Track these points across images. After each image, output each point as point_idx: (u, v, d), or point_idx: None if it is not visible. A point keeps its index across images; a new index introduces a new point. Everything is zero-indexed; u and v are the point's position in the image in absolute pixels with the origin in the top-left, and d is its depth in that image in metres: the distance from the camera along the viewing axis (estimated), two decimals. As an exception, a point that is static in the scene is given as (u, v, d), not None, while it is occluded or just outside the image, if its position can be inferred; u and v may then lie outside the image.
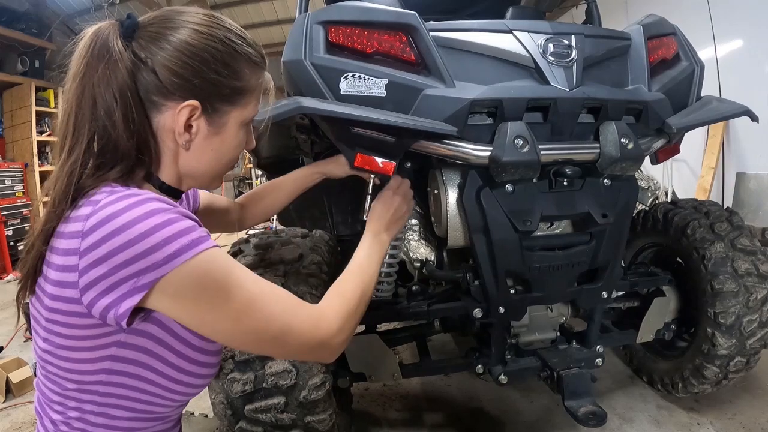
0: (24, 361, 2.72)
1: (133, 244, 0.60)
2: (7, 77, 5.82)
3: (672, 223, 1.93)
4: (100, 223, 0.61)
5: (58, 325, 0.66)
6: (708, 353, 1.77)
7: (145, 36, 0.72)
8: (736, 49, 4.02)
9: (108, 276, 0.61)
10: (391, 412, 2.18)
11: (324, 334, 0.76)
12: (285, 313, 0.72)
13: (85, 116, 0.69)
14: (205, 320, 0.68)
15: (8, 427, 2.26)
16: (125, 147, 0.70)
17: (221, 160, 0.82)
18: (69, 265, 0.63)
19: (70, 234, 0.64)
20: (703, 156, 4.24)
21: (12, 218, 5.47)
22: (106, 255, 0.61)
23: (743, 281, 1.71)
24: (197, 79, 0.72)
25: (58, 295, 0.65)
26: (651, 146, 1.43)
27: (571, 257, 1.48)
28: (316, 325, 0.76)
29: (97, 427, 0.73)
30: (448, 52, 1.29)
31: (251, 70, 0.79)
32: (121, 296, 0.62)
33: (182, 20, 0.73)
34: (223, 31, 0.75)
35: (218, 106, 0.76)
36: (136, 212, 0.62)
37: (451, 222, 1.46)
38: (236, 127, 0.80)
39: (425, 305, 1.63)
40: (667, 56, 1.53)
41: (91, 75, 0.69)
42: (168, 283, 0.63)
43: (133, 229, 0.61)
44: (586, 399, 1.49)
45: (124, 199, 0.64)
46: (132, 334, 0.69)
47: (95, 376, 0.70)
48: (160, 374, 0.74)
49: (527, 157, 1.25)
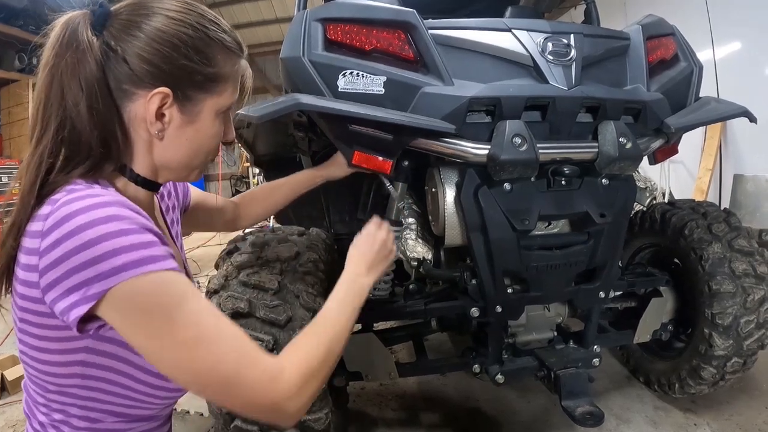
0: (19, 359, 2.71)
1: (83, 249, 0.58)
2: (5, 74, 5.80)
3: (670, 224, 1.92)
4: (57, 224, 0.60)
5: (30, 325, 0.65)
6: (705, 354, 1.77)
7: (116, 24, 0.70)
8: (735, 51, 4.03)
9: (64, 279, 0.59)
10: (388, 411, 2.18)
11: (279, 394, 0.66)
12: (238, 360, 0.64)
13: (53, 106, 0.68)
14: (148, 346, 0.63)
15: (3, 425, 2.25)
16: (88, 138, 0.68)
17: (197, 151, 0.79)
18: (31, 265, 0.61)
19: (33, 233, 0.62)
20: (701, 157, 4.25)
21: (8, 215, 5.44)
22: (61, 257, 0.59)
23: (741, 282, 1.71)
24: (168, 66, 0.70)
25: (25, 295, 0.64)
26: (649, 146, 1.43)
27: (568, 257, 1.47)
28: (271, 380, 0.66)
29: (82, 431, 0.72)
30: (446, 50, 1.29)
31: (225, 56, 0.77)
32: (74, 303, 0.59)
33: (154, 7, 0.71)
34: (195, 17, 0.73)
35: (191, 94, 0.73)
36: (90, 216, 0.59)
37: (449, 221, 1.45)
38: (211, 116, 0.77)
39: (422, 304, 1.63)
40: (665, 57, 1.53)
41: (58, 65, 0.67)
42: (114, 296, 0.59)
43: (84, 234, 0.58)
44: (583, 399, 1.49)
45: (80, 200, 0.61)
46: (98, 341, 0.67)
47: (71, 379, 0.68)
48: (135, 379, 0.72)
49: (525, 155, 1.25)
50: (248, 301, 1.37)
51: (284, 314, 1.38)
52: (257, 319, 1.37)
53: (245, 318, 1.37)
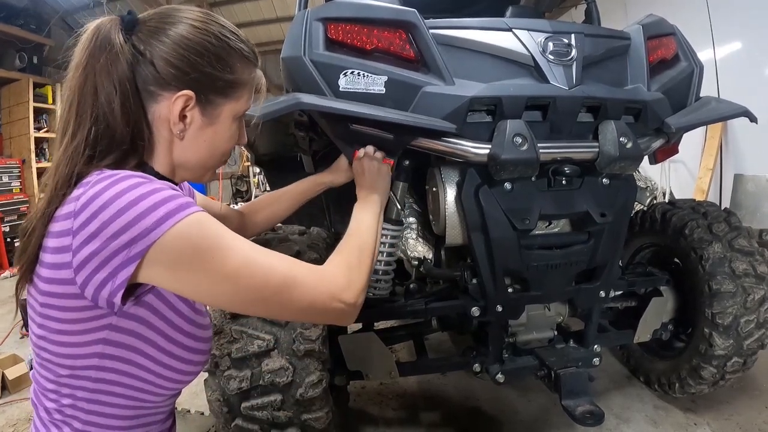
0: (20, 358, 2.71)
1: (123, 213, 0.62)
2: (5, 73, 5.80)
3: (670, 224, 1.93)
4: (90, 200, 0.63)
5: (52, 309, 0.68)
6: (705, 354, 1.77)
7: (145, 30, 0.75)
8: (735, 51, 4.02)
9: (101, 250, 0.63)
10: (388, 410, 2.18)
11: (333, 285, 0.77)
12: (286, 267, 0.73)
13: (87, 103, 0.72)
14: (202, 285, 0.68)
15: (4, 424, 2.25)
16: (121, 134, 0.73)
17: (214, 152, 0.85)
18: (63, 246, 0.64)
19: (64, 216, 0.66)
20: (701, 157, 4.24)
21: (9, 215, 5.45)
22: (98, 229, 0.62)
23: (741, 282, 1.71)
24: (192, 71, 0.75)
25: (53, 278, 0.66)
26: (650, 146, 1.43)
27: (569, 256, 1.47)
28: (321, 276, 0.77)
29: (90, 414, 0.74)
30: (447, 50, 1.29)
31: (243, 64, 0.83)
32: (116, 268, 0.63)
33: (180, 16, 0.77)
34: (218, 27, 0.79)
35: (212, 98, 0.79)
36: (123, 185, 0.64)
37: (450, 220, 1.45)
38: (229, 120, 0.83)
39: (423, 303, 1.63)
40: (666, 56, 1.53)
41: (93, 65, 0.72)
42: (160, 249, 0.63)
43: (121, 199, 0.63)
44: (584, 398, 1.49)
45: (111, 176, 0.66)
46: (123, 318, 0.70)
47: (88, 360, 0.71)
48: (150, 359, 0.75)
49: (526, 155, 1.25)
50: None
51: (285, 313, 1.38)
52: (258, 319, 1.38)
53: (246, 317, 1.38)
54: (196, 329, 0.81)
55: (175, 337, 0.77)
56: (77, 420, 0.74)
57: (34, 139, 5.95)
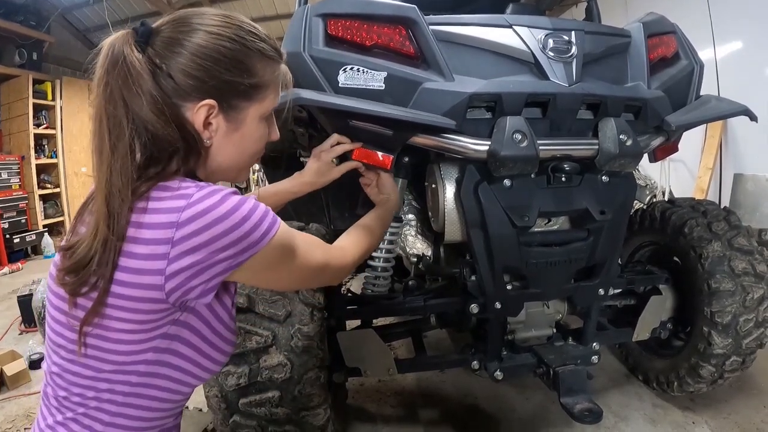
0: (18, 354, 2.71)
1: (235, 229, 0.69)
2: (5, 69, 5.79)
3: (669, 222, 1.92)
4: (200, 214, 0.67)
5: (121, 310, 0.69)
6: (704, 352, 1.77)
7: (159, 42, 0.74)
8: (736, 50, 4.02)
9: (205, 260, 0.68)
10: (386, 407, 2.18)
11: (348, 261, 0.99)
12: (322, 254, 0.90)
13: (118, 116, 0.71)
14: (273, 278, 0.84)
15: (2, 420, 2.25)
16: (169, 140, 0.73)
17: (243, 154, 0.84)
18: (157, 254, 0.67)
19: (159, 225, 0.67)
20: (701, 156, 4.24)
21: (8, 211, 5.45)
22: (207, 241, 0.67)
23: (740, 281, 1.71)
24: (211, 79, 0.74)
25: (133, 282, 0.67)
26: (650, 143, 1.43)
27: (568, 253, 1.47)
28: (342, 255, 0.98)
29: (122, 407, 0.75)
30: (447, 46, 1.28)
31: (265, 64, 0.80)
32: (214, 276, 0.71)
33: (194, 23, 0.75)
34: (235, 30, 0.77)
35: (235, 103, 0.78)
36: (231, 203, 0.69)
37: (449, 217, 1.45)
38: (255, 121, 0.82)
39: (421, 300, 1.63)
40: (666, 54, 1.53)
41: (114, 81, 0.71)
42: (260, 257, 0.73)
43: (233, 216, 0.69)
44: (582, 396, 1.49)
45: (216, 192, 0.70)
46: (185, 312, 0.75)
47: (143, 355, 0.73)
48: (194, 348, 0.79)
49: (526, 152, 1.24)
50: (247, 296, 1.37)
51: (283, 309, 1.38)
52: (256, 315, 1.37)
53: (244, 313, 1.37)
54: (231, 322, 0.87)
55: (216, 327, 0.81)
56: (105, 413, 0.74)
57: (33, 135, 5.94)
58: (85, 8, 6.84)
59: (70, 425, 0.74)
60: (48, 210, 6.33)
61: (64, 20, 7.06)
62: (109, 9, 6.34)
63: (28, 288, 3.39)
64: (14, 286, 4.34)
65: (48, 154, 6.36)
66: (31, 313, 3.18)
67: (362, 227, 1.12)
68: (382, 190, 1.28)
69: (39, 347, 2.85)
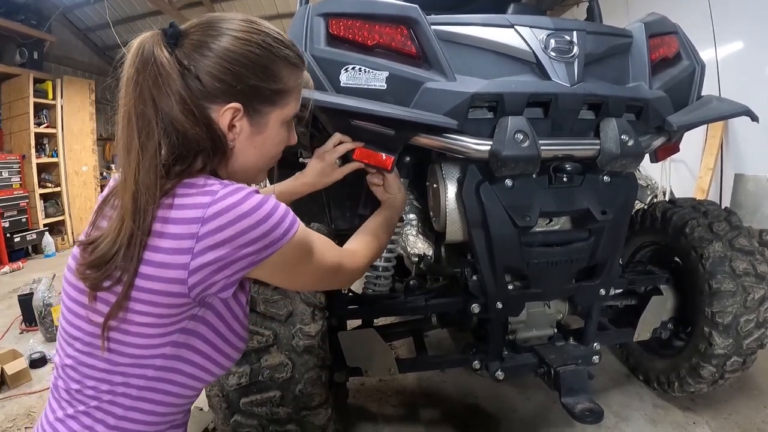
0: (19, 353, 2.71)
1: (260, 224, 0.70)
2: (6, 68, 5.78)
3: (671, 222, 1.92)
4: (225, 210, 0.69)
5: (142, 303, 0.70)
6: (705, 353, 1.77)
7: (188, 44, 0.76)
8: (737, 50, 4.02)
9: (229, 256, 0.70)
10: (387, 407, 2.18)
11: (360, 263, 1.00)
12: (336, 256, 0.92)
13: (148, 115, 0.73)
14: (297, 276, 0.84)
15: (3, 419, 2.25)
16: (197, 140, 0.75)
17: (264, 156, 0.87)
18: (181, 248, 0.68)
19: (185, 220, 0.69)
20: (702, 156, 4.24)
21: (9, 210, 5.45)
22: (231, 237, 0.69)
23: (741, 281, 1.71)
24: (239, 84, 0.76)
25: (156, 276, 0.69)
26: (651, 144, 1.43)
27: (569, 253, 1.47)
28: (353, 258, 0.99)
29: (137, 401, 0.76)
30: (449, 46, 1.28)
31: (290, 71, 0.83)
32: (237, 272, 0.72)
33: (222, 27, 0.77)
34: (262, 36, 0.78)
35: (259, 108, 0.80)
36: (255, 200, 0.71)
37: (450, 216, 1.45)
38: (277, 126, 0.84)
39: (422, 300, 1.63)
40: (668, 54, 1.53)
41: (143, 80, 0.72)
42: (280, 254, 0.75)
43: (257, 213, 0.70)
44: (583, 396, 1.49)
45: (241, 190, 0.72)
46: (203, 307, 0.76)
47: (161, 349, 0.74)
48: (209, 344, 0.80)
49: (527, 152, 1.24)
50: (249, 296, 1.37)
51: (284, 309, 1.38)
52: (257, 314, 1.37)
53: (246, 312, 1.37)
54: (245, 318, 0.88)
55: (232, 324, 0.83)
56: (118, 406, 0.75)
57: (34, 134, 5.94)
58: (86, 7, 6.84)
59: (81, 418, 0.75)
60: (49, 209, 6.32)
61: (65, 19, 7.06)
62: (109, 8, 6.34)
63: (29, 287, 3.39)
64: (15, 285, 4.34)
65: (49, 153, 6.36)
66: (32, 312, 3.18)
67: (370, 230, 1.12)
68: (388, 190, 1.28)
69: (39, 346, 2.85)
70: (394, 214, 1.24)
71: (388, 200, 1.26)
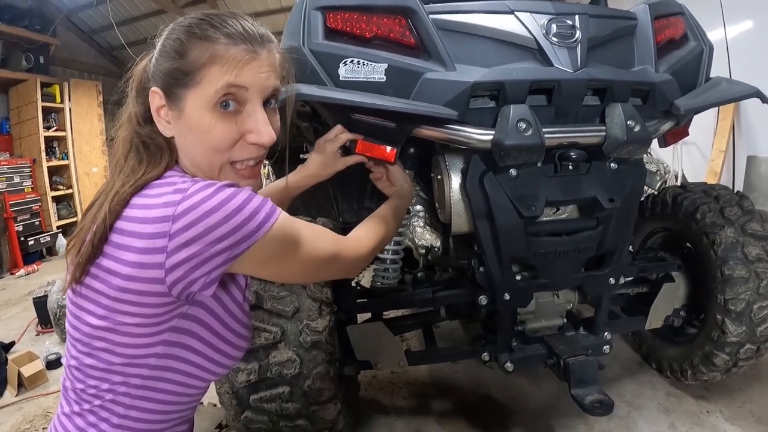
0: (35, 355, 2.75)
1: (227, 220, 0.68)
2: (13, 74, 5.82)
3: (681, 208, 1.89)
4: (193, 207, 0.67)
5: (127, 304, 0.70)
6: (718, 340, 1.75)
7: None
8: (747, 30, 3.93)
9: (202, 253, 0.68)
10: (399, 399, 2.18)
11: (363, 251, 0.98)
12: (332, 244, 0.89)
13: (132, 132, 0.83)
14: (284, 269, 0.82)
15: (21, 420, 2.29)
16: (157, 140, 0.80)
17: (202, 146, 0.78)
18: (155, 248, 0.67)
19: (157, 219, 0.68)
20: (713, 139, 4.16)
21: (22, 213, 5.51)
22: (202, 233, 0.67)
23: (754, 267, 1.68)
24: (155, 68, 0.79)
25: (136, 276, 0.69)
26: (659, 129, 1.40)
27: (577, 243, 1.45)
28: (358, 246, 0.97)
29: (135, 399, 0.77)
30: (448, 35, 1.26)
31: (197, 45, 0.74)
32: (214, 268, 0.70)
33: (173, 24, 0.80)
34: (189, 20, 0.78)
35: (175, 91, 0.77)
36: (224, 194, 0.69)
37: (455, 208, 1.44)
38: (200, 110, 0.76)
39: (430, 292, 1.62)
40: (674, 36, 1.49)
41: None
42: (258, 248, 0.72)
43: (225, 208, 0.68)
44: (593, 387, 1.47)
45: (211, 185, 0.71)
46: (193, 305, 0.77)
47: (152, 348, 0.75)
48: (206, 343, 0.81)
49: (531, 140, 1.22)
50: (255, 293, 1.37)
51: (291, 305, 1.38)
52: (264, 311, 1.38)
53: (253, 310, 1.38)
54: (243, 315, 0.88)
55: (228, 322, 0.83)
56: (120, 405, 0.77)
57: (43, 138, 5.99)
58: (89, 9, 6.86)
59: (86, 416, 0.77)
60: (61, 211, 6.39)
61: (69, 22, 7.09)
62: (113, 9, 6.36)
63: (44, 289, 3.43)
64: (30, 287, 4.40)
65: (59, 155, 6.41)
66: (47, 313, 3.22)
67: (377, 218, 1.12)
68: (393, 182, 1.28)
69: (55, 347, 2.89)
70: (402, 203, 1.24)
71: (395, 192, 1.26)
